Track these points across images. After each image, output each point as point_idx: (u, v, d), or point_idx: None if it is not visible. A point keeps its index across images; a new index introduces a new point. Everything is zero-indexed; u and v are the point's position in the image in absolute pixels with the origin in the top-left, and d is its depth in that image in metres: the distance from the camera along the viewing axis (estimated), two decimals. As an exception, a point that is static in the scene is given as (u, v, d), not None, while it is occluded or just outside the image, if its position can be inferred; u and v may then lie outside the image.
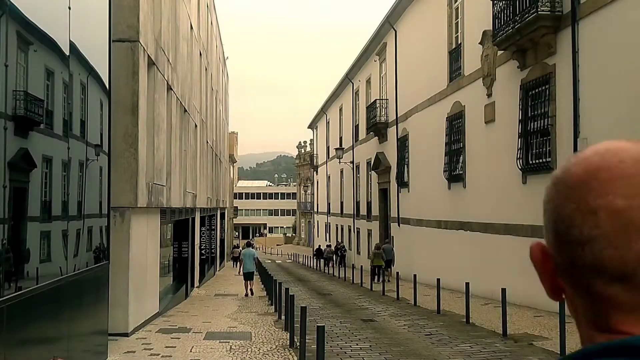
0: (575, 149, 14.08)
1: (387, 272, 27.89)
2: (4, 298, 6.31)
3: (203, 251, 30.48)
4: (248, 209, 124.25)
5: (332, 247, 45.99)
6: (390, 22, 31.23)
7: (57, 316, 8.29)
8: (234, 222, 78.57)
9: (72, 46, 8.69)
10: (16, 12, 6.76)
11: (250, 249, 26.45)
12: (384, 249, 28.92)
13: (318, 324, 8.46)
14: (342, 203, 48.44)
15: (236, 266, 43.56)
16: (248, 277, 24.03)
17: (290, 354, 11.22)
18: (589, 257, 0.80)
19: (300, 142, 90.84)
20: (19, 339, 6.88)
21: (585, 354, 0.80)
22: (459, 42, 22.42)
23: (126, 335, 13.17)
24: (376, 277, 27.61)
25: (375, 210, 36.23)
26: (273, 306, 18.71)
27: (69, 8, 8.56)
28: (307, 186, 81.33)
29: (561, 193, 0.85)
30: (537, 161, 16.08)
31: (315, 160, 66.56)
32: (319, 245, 52.41)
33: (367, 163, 38.24)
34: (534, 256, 0.95)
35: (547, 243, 0.91)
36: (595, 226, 0.79)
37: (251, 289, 24.03)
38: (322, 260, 45.16)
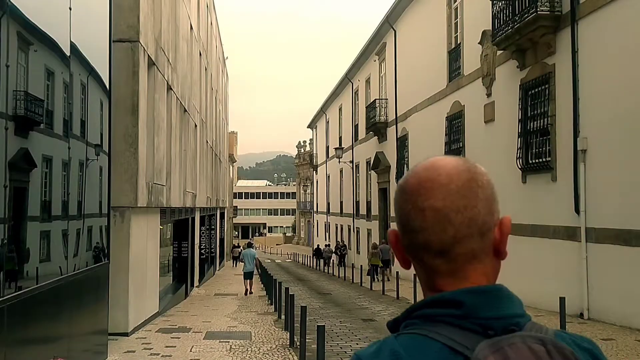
0: (575, 148, 14.10)
1: (386, 271, 28.14)
2: (4, 298, 6.32)
3: (203, 251, 30.49)
4: (248, 209, 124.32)
5: (332, 247, 46.29)
6: (389, 22, 31.24)
7: (57, 316, 8.30)
8: (234, 222, 78.59)
9: (73, 46, 8.70)
10: (17, 13, 6.77)
11: (251, 249, 27.10)
12: (380, 249, 29.09)
13: (318, 324, 8.47)
14: (341, 203, 48.45)
15: (236, 266, 43.92)
16: (248, 276, 24.86)
17: (290, 353, 11.23)
18: (421, 240, 1.17)
19: (299, 141, 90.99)
20: (19, 339, 6.89)
21: (417, 305, 1.19)
22: (459, 42, 22.43)
23: (126, 334, 13.18)
24: (376, 276, 27.89)
25: (374, 210, 36.24)
26: (273, 306, 18.72)
27: (70, 8, 8.57)
28: (306, 186, 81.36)
29: (403, 197, 1.20)
30: (536, 160, 16.10)
31: (314, 160, 66.57)
32: (318, 245, 53.26)
33: (367, 163, 38.25)
34: (390, 239, 1.28)
35: (397, 230, 1.25)
36: (424, 220, 1.15)
37: (251, 288, 24.91)
38: (321, 260, 45.64)
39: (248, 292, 24.52)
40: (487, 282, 1.20)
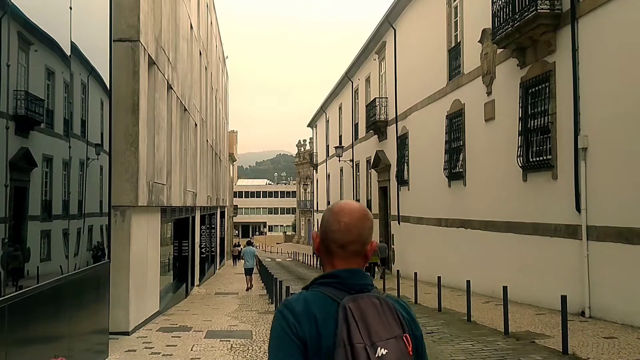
0: (575, 146, 14.08)
1: (381, 268, 29.19)
2: (5, 297, 6.32)
3: (203, 250, 30.49)
4: (248, 208, 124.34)
5: None
6: (389, 21, 31.22)
7: (57, 315, 8.30)
8: (234, 221, 78.58)
9: (73, 46, 8.69)
10: (17, 13, 6.77)
11: (251, 247, 29.48)
12: (378, 247, 29.50)
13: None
14: (342, 201, 48.41)
15: (236, 265, 44.48)
16: (248, 272, 27.03)
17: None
18: (334, 237, 2.16)
19: (299, 140, 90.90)
20: (20, 338, 6.89)
21: (319, 277, 2.19)
22: (459, 41, 22.42)
23: (127, 334, 13.19)
24: (376, 274, 28.62)
25: (375, 209, 36.21)
26: (273, 304, 18.72)
27: (70, 8, 8.57)
28: (306, 184, 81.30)
29: (330, 213, 2.20)
30: (537, 159, 16.09)
31: (314, 159, 66.56)
32: None
33: (367, 161, 38.24)
34: (313, 236, 2.28)
35: (319, 232, 2.24)
36: (339, 227, 2.14)
37: (250, 283, 26.78)
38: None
39: (248, 287, 26.28)
40: (358, 267, 2.22)
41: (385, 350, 2.05)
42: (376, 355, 2.03)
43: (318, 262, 47.57)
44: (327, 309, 2.09)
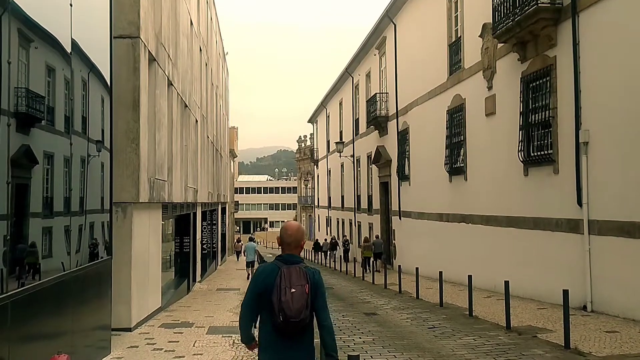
0: (577, 141, 14.07)
1: (377, 262, 31.09)
2: (8, 294, 6.33)
3: (204, 246, 30.49)
4: (249, 204, 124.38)
5: (328, 241, 46.87)
6: (389, 16, 31.18)
7: (60, 312, 8.32)
8: (235, 217, 78.59)
9: (74, 43, 8.68)
10: (18, 10, 6.76)
11: (252, 242, 31.30)
12: (374, 242, 31.96)
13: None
14: (342, 197, 48.46)
15: (238, 259, 45.22)
16: (249, 265, 29.36)
17: (294, 347, 11.22)
18: (283, 239, 5.02)
19: (300, 136, 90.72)
20: (23, 335, 6.90)
21: (278, 255, 5.06)
22: (459, 35, 22.39)
23: (129, 330, 13.20)
24: (368, 267, 30.38)
25: (376, 204, 36.25)
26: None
27: (70, 5, 8.56)
28: (307, 180, 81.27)
29: (283, 228, 5.08)
30: (538, 153, 16.08)
31: (315, 155, 66.52)
32: (317, 239, 55.41)
33: (368, 157, 38.24)
34: (277, 238, 5.23)
35: (279, 235, 5.10)
36: (285, 234, 5.00)
37: (252, 274, 26.95)
38: (321, 254, 46.38)
39: (248, 276, 27.80)
40: (294, 253, 4.96)
41: (294, 290, 4.64)
42: (290, 291, 4.62)
43: (319, 257, 47.72)
44: (274, 271, 4.80)
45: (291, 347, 4.79)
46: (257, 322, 4.99)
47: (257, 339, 4.96)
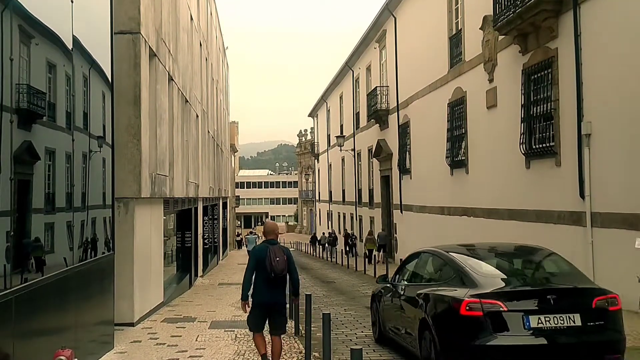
0: (579, 133, 14.05)
1: (380, 254, 32.09)
2: (12, 289, 6.35)
3: (206, 241, 30.52)
4: (250, 198, 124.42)
5: (326, 235, 47.23)
6: (389, 9, 31.10)
7: (63, 307, 8.34)
8: (236, 212, 78.64)
9: (75, 39, 8.68)
10: (18, 6, 6.75)
11: (252, 235, 33.72)
12: (378, 235, 32.78)
13: (323, 312, 8.48)
14: (343, 191, 48.46)
15: (241, 249, 46.03)
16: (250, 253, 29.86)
17: (296, 341, 11.26)
18: (265, 232, 9.05)
19: (300, 130, 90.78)
20: (27, 330, 6.93)
21: (263, 240, 9.13)
22: (460, 28, 22.34)
23: (132, 325, 13.23)
24: (367, 258, 31.03)
25: (377, 198, 36.24)
26: (277, 295, 18.75)
27: (71, 1, 8.55)
28: (308, 174, 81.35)
29: (266, 225, 9.17)
30: (540, 146, 16.05)
31: (316, 149, 66.51)
32: (314, 233, 58.72)
33: (369, 150, 38.22)
34: (262, 231, 9.86)
35: (264, 230, 9.19)
36: (270, 229, 8.98)
37: None
38: (321, 248, 47.34)
39: None
40: (273, 239, 8.94)
41: (278, 258, 8.53)
42: (276, 259, 8.50)
43: (320, 251, 47.68)
44: (265, 249, 8.65)
45: (274, 290, 8.75)
46: (252, 282, 8.80)
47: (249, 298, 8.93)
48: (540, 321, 7.19)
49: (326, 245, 45.26)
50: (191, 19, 24.00)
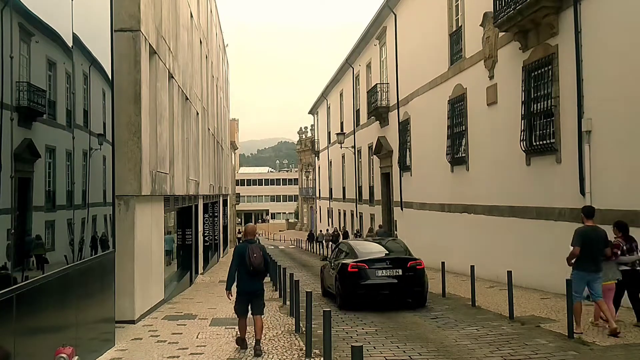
0: (579, 130, 14.04)
1: None
2: (14, 287, 6.35)
3: (206, 238, 30.52)
4: (250, 196, 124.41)
5: (330, 232, 47.29)
6: (389, 6, 31.05)
7: (64, 304, 8.35)
8: (237, 209, 78.66)
9: (75, 37, 8.67)
10: (18, 4, 6.74)
11: None
12: (377, 231, 31.68)
13: (323, 309, 8.48)
14: (344, 188, 48.44)
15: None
16: None
17: (296, 339, 11.26)
18: (248, 232, 10.99)
19: (301, 127, 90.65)
20: (28, 328, 6.94)
21: (243, 240, 11.11)
22: (460, 25, 22.32)
23: (133, 322, 13.24)
24: None
25: (377, 195, 36.23)
26: (277, 292, 18.77)
27: (71, -2, 8.54)
28: (308, 172, 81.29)
29: (247, 227, 11.17)
30: (541, 142, 16.05)
31: (316, 146, 66.47)
32: (311, 230, 62.05)
33: (369, 147, 38.20)
34: (242, 231, 16.26)
35: (244, 231, 11.35)
36: (250, 231, 11.04)
37: None
38: (318, 244, 48.00)
39: None
40: (252, 238, 10.73)
41: (256, 255, 10.07)
42: (254, 255, 10.06)
43: (317, 249, 47.69)
44: (245, 247, 10.22)
45: (253, 279, 10.31)
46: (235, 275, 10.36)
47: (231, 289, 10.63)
48: (383, 273, 14.61)
49: (323, 242, 45.55)
50: (191, 16, 23.98)
